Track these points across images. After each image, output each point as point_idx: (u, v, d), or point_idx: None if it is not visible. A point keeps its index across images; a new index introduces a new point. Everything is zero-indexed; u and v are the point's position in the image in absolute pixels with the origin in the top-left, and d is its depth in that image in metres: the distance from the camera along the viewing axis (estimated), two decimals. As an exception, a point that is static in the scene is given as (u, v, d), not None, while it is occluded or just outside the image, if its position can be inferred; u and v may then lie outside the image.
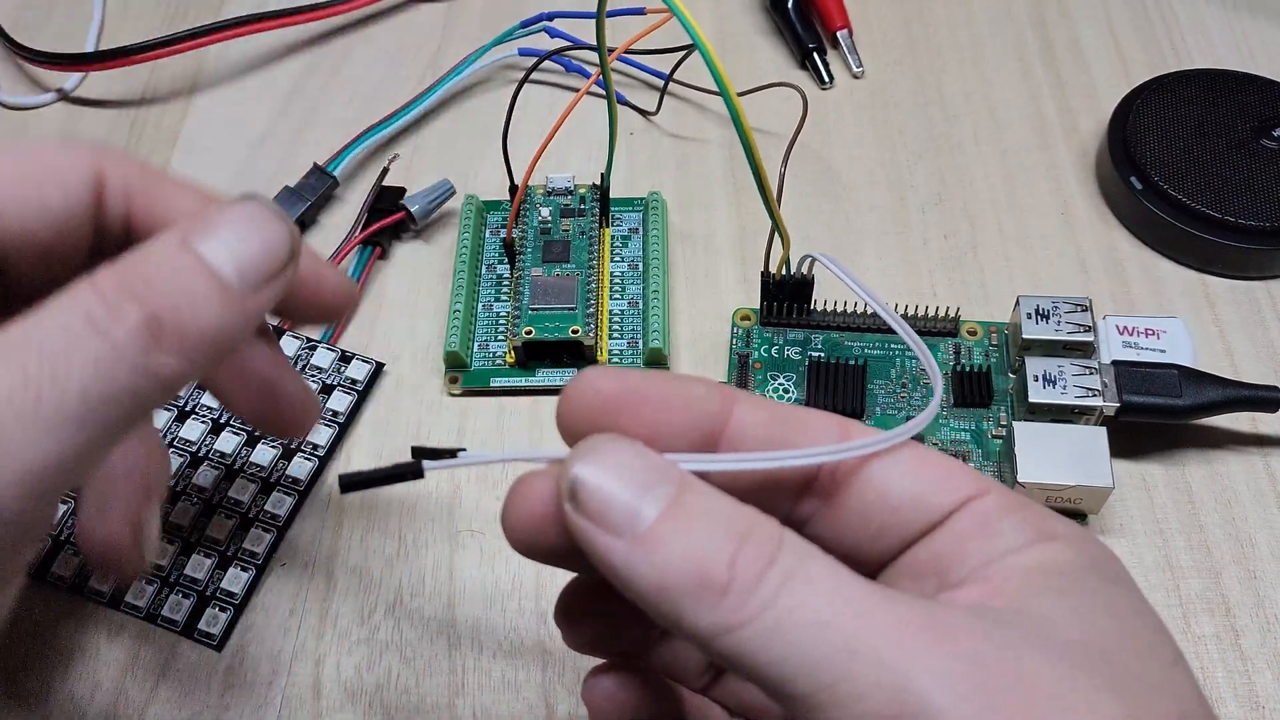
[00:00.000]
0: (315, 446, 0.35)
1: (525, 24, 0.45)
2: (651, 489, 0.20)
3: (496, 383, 0.37)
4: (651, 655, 0.25)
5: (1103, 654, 0.19)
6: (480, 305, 0.39)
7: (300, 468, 0.35)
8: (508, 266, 0.39)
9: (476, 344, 0.38)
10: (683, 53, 0.42)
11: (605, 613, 0.24)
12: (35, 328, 0.19)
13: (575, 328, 0.36)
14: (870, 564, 0.22)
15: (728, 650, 0.19)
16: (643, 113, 0.44)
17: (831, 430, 0.22)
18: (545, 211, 0.40)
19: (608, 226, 0.40)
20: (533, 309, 0.37)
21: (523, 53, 0.45)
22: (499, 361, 0.37)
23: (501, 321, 0.38)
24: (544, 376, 0.37)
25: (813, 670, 0.18)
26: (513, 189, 0.39)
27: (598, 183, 0.40)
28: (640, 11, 0.42)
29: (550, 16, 0.45)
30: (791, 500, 0.23)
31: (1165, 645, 0.20)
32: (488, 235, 0.40)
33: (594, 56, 0.45)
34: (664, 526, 0.19)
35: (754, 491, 0.22)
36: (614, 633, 0.25)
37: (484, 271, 0.39)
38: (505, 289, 0.39)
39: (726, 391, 0.22)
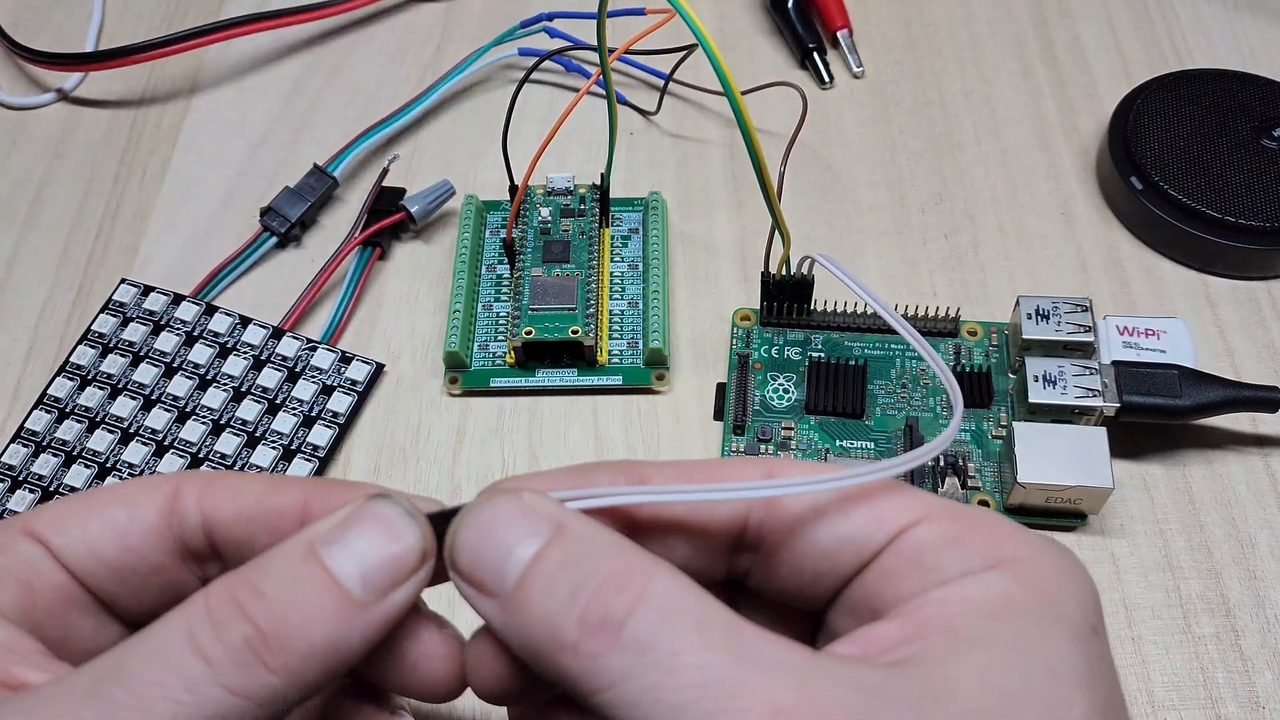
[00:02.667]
0: (315, 448, 0.35)
1: (525, 24, 0.45)
2: (520, 543, 0.19)
3: (496, 383, 0.37)
4: None
5: None
6: (480, 305, 0.38)
7: (301, 468, 0.35)
8: (507, 267, 0.39)
9: (476, 344, 0.38)
10: (683, 53, 0.42)
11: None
12: (134, 651, 0.19)
13: (575, 328, 0.36)
14: (812, 604, 0.22)
15: (594, 708, 0.18)
16: (643, 113, 0.44)
17: (754, 473, 0.21)
18: (545, 211, 0.39)
19: (608, 226, 0.40)
20: (532, 309, 0.37)
21: (523, 52, 0.45)
22: (499, 361, 0.37)
23: (501, 322, 0.38)
24: (544, 377, 0.37)
25: None
26: (513, 189, 0.39)
27: (597, 183, 0.40)
28: (640, 12, 0.42)
29: (550, 17, 0.45)
30: (725, 556, 0.22)
31: (1072, 705, 0.18)
32: (488, 235, 0.40)
33: (594, 56, 0.45)
34: (524, 586, 0.19)
35: (683, 548, 0.22)
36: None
37: (484, 271, 0.39)
38: (505, 289, 0.39)
39: (633, 469, 0.21)
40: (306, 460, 0.35)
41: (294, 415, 0.36)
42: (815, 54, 0.45)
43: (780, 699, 0.17)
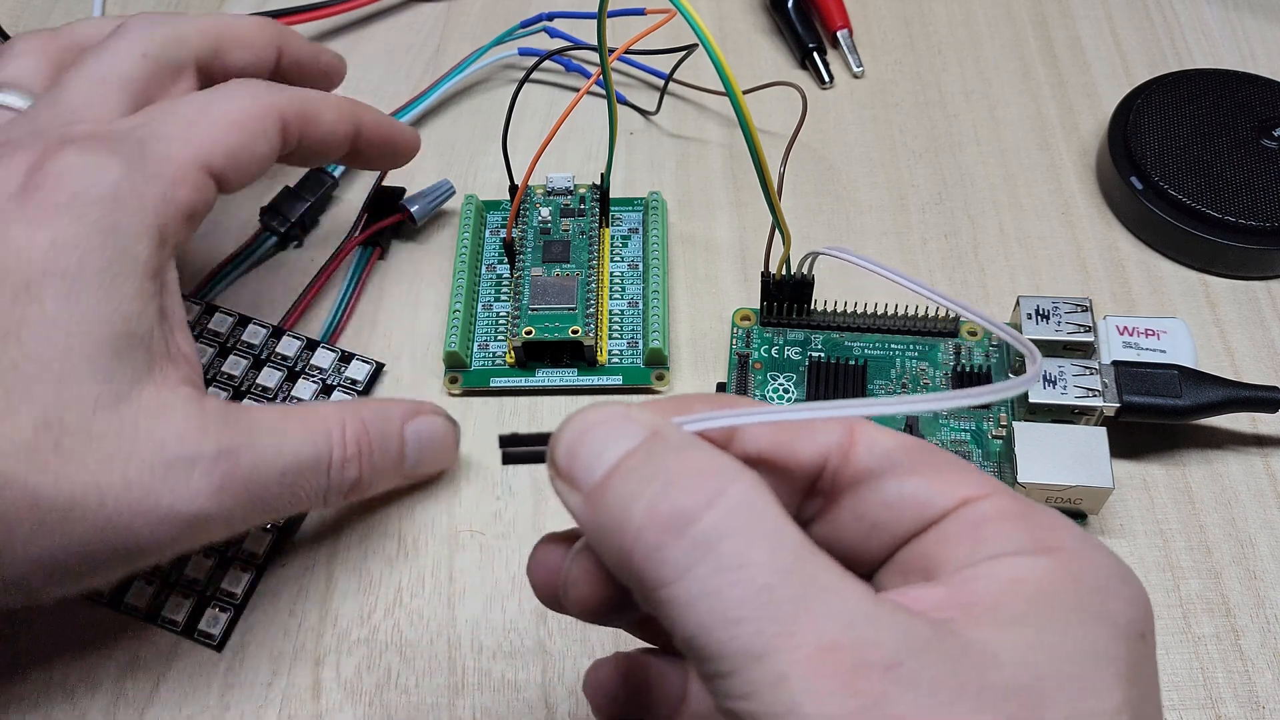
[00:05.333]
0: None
1: (525, 24, 0.45)
2: (615, 443, 0.20)
3: (496, 383, 0.37)
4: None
5: (1027, 702, 0.18)
6: (480, 305, 0.38)
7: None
8: (507, 266, 0.39)
9: (476, 344, 0.38)
10: (683, 53, 0.42)
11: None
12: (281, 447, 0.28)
13: (575, 328, 0.36)
14: (865, 563, 0.22)
15: (655, 609, 0.19)
16: (643, 112, 0.44)
17: (836, 425, 0.22)
18: (545, 211, 0.39)
19: (607, 226, 0.40)
20: (533, 309, 0.37)
21: (523, 52, 0.45)
22: (499, 361, 0.37)
23: (501, 321, 0.38)
24: (544, 377, 0.37)
25: (715, 655, 0.18)
26: (513, 189, 0.39)
27: (598, 182, 0.40)
28: (640, 12, 0.42)
29: (550, 16, 0.45)
30: (797, 499, 0.23)
31: (1110, 692, 0.19)
32: (487, 235, 0.40)
33: (594, 56, 0.45)
34: (608, 478, 0.20)
35: (768, 484, 0.22)
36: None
37: (484, 271, 0.39)
38: (505, 289, 0.39)
39: (724, 402, 0.22)
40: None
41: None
42: (815, 54, 0.45)
43: (834, 635, 0.18)
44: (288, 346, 0.37)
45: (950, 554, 0.21)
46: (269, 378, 0.36)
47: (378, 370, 0.37)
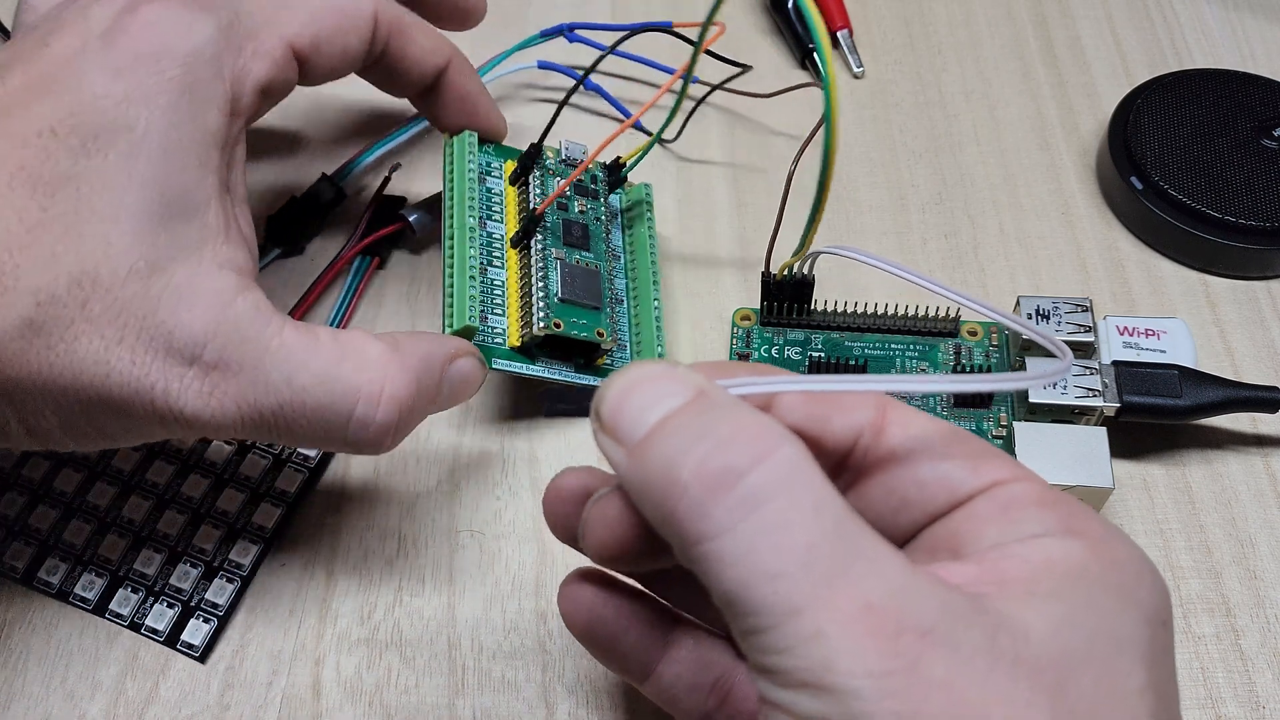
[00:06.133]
0: (305, 458, 0.35)
1: (545, 34, 0.43)
2: (661, 400, 0.20)
3: (499, 364, 0.33)
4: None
5: (1059, 676, 0.18)
6: (472, 267, 0.34)
7: (290, 478, 0.34)
8: (499, 226, 0.35)
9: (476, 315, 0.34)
10: (737, 70, 0.41)
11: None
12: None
13: (600, 329, 0.34)
14: (891, 540, 0.22)
15: (695, 563, 0.19)
16: (662, 143, 0.43)
17: (869, 404, 0.22)
18: (560, 182, 0.36)
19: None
20: (562, 299, 0.34)
21: (542, 65, 0.43)
22: (498, 340, 0.34)
23: (497, 291, 0.34)
24: (543, 367, 0.34)
25: (753, 610, 0.18)
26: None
27: (608, 162, 0.38)
28: (668, 25, 0.40)
29: (572, 27, 0.43)
30: (830, 475, 0.22)
31: (1136, 673, 0.19)
32: (486, 183, 0.36)
33: (614, 73, 0.43)
34: (654, 432, 0.20)
35: None
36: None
37: (475, 226, 0.35)
38: (497, 252, 0.35)
39: (766, 373, 0.22)
40: (296, 471, 0.34)
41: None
42: (815, 54, 0.45)
43: (874, 597, 0.18)
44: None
45: (980, 533, 0.21)
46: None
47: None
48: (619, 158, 0.38)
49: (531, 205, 0.36)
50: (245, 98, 0.28)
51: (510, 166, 0.37)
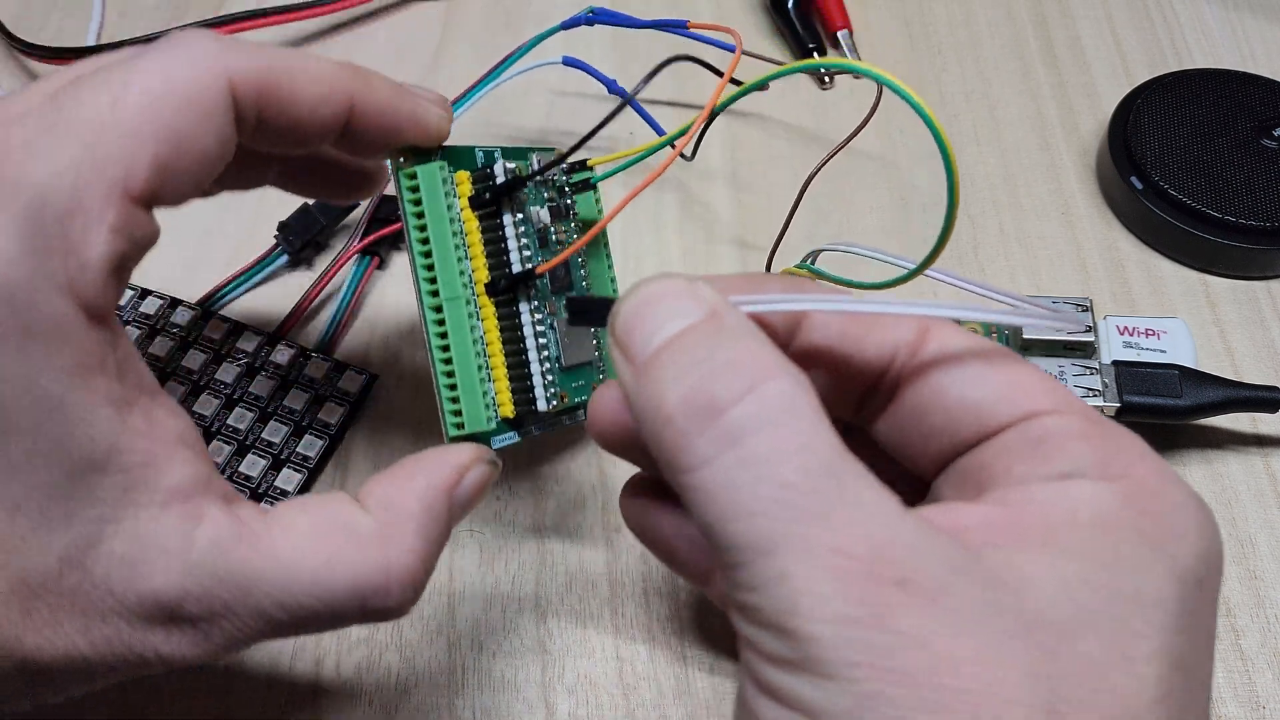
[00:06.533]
0: (305, 459, 0.35)
1: (566, 25, 0.41)
2: (671, 320, 0.20)
3: (499, 443, 0.28)
4: None
5: (1057, 637, 0.17)
6: (478, 352, 0.27)
7: (288, 479, 0.34)
8: (468, 271, 0.27)
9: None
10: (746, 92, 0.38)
11: None
12: None
13: (595, 383, 0.30)
14: (924, 468, 0.21)
15: (679, 492, 0.19)
16: (683, 156, 0.42)
17: (908, 322, 0.21)
18: (542, 213, 0.29)
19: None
20: (564, 367, 0.29)
21: (568, 62, 0.41)
22: (492, 413, 0.27)
23: (478, 351, 0.27)
24: (536, 428, 0.29)
25: (728, 546, 0.18)
26: (518, 182, 0.28)
27: (562, 154, 0.29)
28: (683, 24, 0.39)
29: (596, 13, 0.39)
30: (859, 395, 0.22)
31: (1147, 638, 0.18)
32: (451, 222, 0.27)
33: (637, 80, 0.41)
34: (657, 355, 0.20)
35: (823, 379, 0.22)
36: None
37: (467, 287, 0.27)
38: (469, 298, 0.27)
39: (801, 285, 0.22)
40: (295, 470, 0.34)
41: (285, 424, 0.35)
42: (815, 54, 0.45)
43: (848, 542, 0.17)
44: (281, 355, 0.36)
45: (1008, 470, 0.20)
46: (261, 386, 0.36)
47: (371, 382, 0.36)
48: (586, 161, 0.31)
49: (510, 246, 0.28)
50: (96, 297, 0.20)
51: (463, 178, 0.27)
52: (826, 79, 0.45)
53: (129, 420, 0.21)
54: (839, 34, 0.46)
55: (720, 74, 0.28)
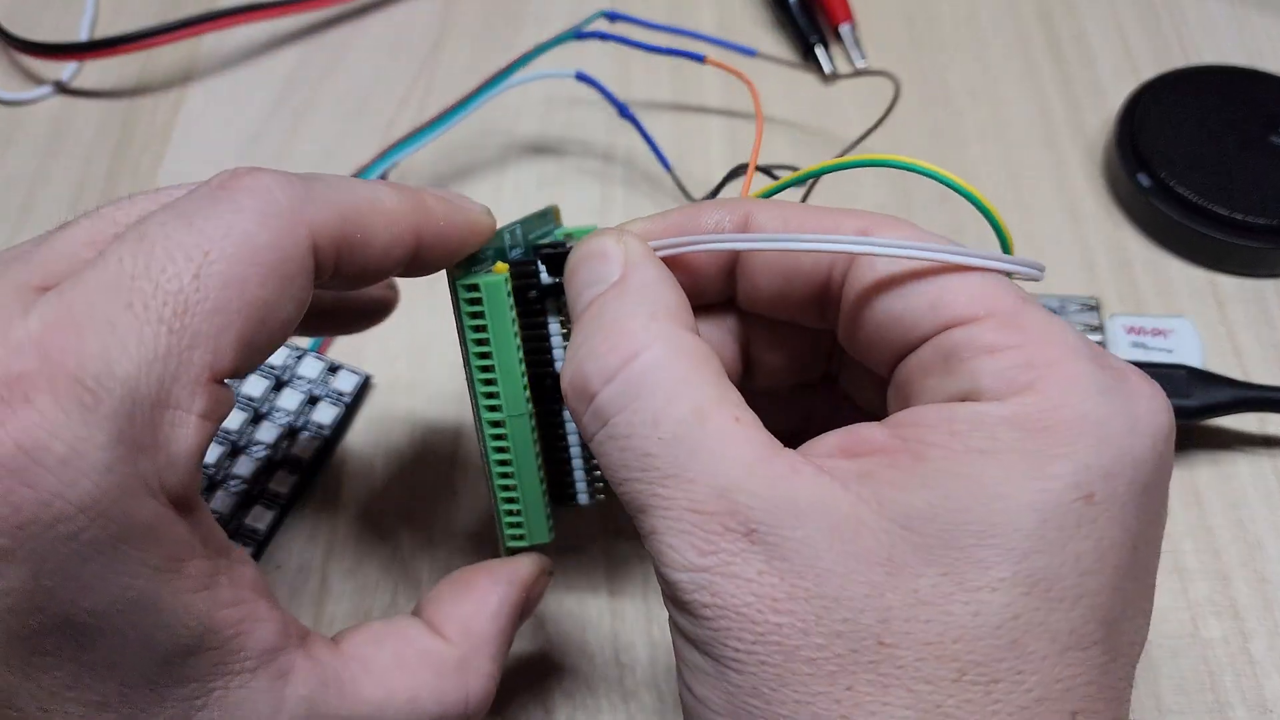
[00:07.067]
0: (298, 459, 0.34)
1: (580, 35, 0.40)
2: (590, 285, 0.22)
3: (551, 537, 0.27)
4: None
5: (895, 568, 0.18)
6: (540, 467, 0.26)
7: (282, 481, 0.34)
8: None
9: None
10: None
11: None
12: None
13: None
14: (884, 376, 0.22)
15: (597, 457, 0.21)
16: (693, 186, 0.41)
17: (851, 225, 0.21)
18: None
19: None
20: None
21: (581, 78, 0.39)
22: (551, 525, 0.26)
23: (540, 464, 0.26)
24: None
25: (624, 505, 0.20)
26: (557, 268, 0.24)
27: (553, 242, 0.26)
28: (699, 58, 0.39)
29: (612, 15, 0.39)
30: (815, 303, 0.23)
31: (992, 566, 0.18)
32: (519, 345, 0.25)
33: (649, 102, 0.43)
34: (578, 320, 0.22)
35: (776, 283, 0.23)
36: None
37: (529, 402, 0.25)
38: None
39: (738, 207, 0.23)
40: (289, 473, 0.34)
41: (278, 425, 0.35)
42: (817, 48, 0.45)
43: (701, 499, 0.19)
44: (275, 355, 0.36)
45: (920, 386, 0.20)
46: (254, 386, 0.35)
47: (365, 382, 0.36)
48: (567, 238, 0.26)
49: (554, 344, 0.26)
50: (186, 489, 0.19)
51: (503, 270, 0.24)
52: (829, 73, 0.45)
53: (218, 595, 0.20)
54: (841, 28, 0.46)
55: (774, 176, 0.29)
